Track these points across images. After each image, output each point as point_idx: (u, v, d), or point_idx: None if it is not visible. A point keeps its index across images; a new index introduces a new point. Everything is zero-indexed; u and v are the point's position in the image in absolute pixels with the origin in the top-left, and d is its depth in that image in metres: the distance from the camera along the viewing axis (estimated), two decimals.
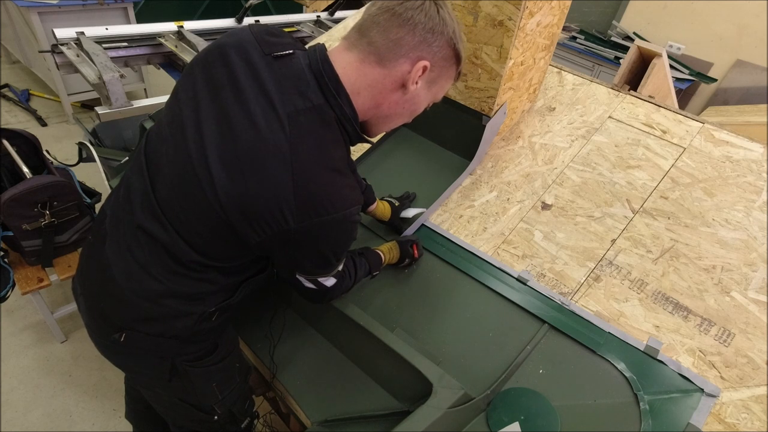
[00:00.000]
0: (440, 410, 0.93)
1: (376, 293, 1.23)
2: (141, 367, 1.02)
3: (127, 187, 0.90)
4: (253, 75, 0.76)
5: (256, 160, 0.73)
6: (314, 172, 0.74)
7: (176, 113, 0.82)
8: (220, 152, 0.75)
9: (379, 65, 0.80)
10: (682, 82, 3.54)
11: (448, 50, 0.83)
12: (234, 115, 0.75)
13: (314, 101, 0.76)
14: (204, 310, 0.91)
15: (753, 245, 1.15)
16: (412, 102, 0.86)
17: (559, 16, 1.34)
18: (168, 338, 0.93)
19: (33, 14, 2.95)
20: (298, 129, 0.74)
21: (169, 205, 0.82)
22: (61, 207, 1.74)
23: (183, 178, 0.79)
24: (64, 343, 2.10)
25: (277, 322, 1.28)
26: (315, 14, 2.91)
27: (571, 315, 1.10)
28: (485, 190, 1.39)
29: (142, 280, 0.86)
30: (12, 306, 2.21)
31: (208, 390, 1.05)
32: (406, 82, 0.81)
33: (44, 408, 1.86)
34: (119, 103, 1.90)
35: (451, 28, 0.82)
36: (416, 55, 0.80)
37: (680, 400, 0.96)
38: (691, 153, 1.33)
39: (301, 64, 0.78)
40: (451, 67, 0.87)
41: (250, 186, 0.73)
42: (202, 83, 0.80)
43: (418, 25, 0.78)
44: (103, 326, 0.95)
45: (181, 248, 0.83)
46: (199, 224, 0.80)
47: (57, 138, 3.36)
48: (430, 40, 0.80)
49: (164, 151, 0.83)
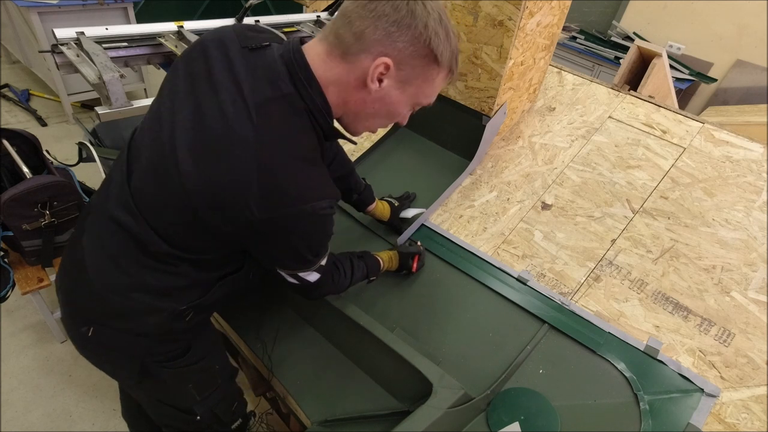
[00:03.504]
0: (440, 410, 0.92)
1: (377, 293, 1.23)
2: (111, 365, 1.01)
3: (109, 180, 0.90)
4: (228, 67, 0.77)
5: (222, 148, 0.72)
6: (280, 162, 0.73)
7: (156, 107, 0.83)
8: (189, 141, 0.75)
9: (343, 60, 0.75)
10: (682, 82, 3.53)
11: (419, 48, 0.74)
12: (206, 105, 0.75)
13: (284, 90, 0.75)
14: (174, 308, 0.90)
15: (753, 245, 1.15)
16: (383, 102, 0.80)
17: (559, 16, 1.34)
18: (137, 335, 0.92)
19: (33, 14, 2.94)
20: (265, 118, 0.73)
21: (141, 194, 0.82)
22: (61, 207, 1.74)
23: (155, 167, 0.79)
24: (64, 343, 2.10)
25: (271, 321, 1.28)
26: (315, 14, 2.91)
27: (571, 315, 1.10)
28: (485, 190, 1.39)
29: (110, 272, 0.86)
30: (12, 306, 2.21)
31: (184, 391, 1.03)
32: (367, 79, 0.76)
33: (44, 408, 1.86)
34: (119, 103, 1.90)
35: (421, 21, 0.73)
36: (377, 51, 0.73)
37: (680, 400, 0.96)
38: (691, 153, 1.33)
39: (275, 55, 0.77)
40: (428, 67, 0.78)
41: (216, 175, 0.72)
42: (182, 77, 0.81)
43: (381, 18, 0.71)
44: (76, 319, 0.94)
45: (151, 239, 0.82)
46: (170, 214, 0.80)
47: (57, 138, 3.36)
48: (394, 36, 0.72)
49: (143, 143, 0.84)
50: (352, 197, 1.24)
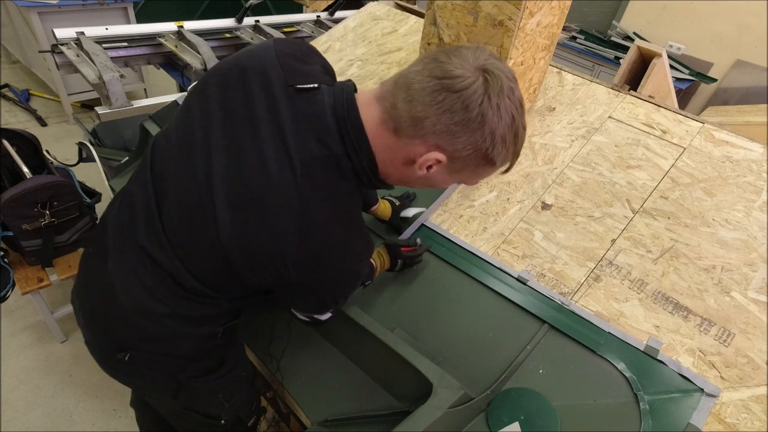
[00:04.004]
0: (440, 410, 0.92)
1: (377, 293, 1.23)
2: (146, 383, 1.00)
3: (131, 200, 0.84)
4: (271, 108, 0.70)
5: (263, 207, 0.69)
6: (322, 228, 0.71)
7: (186, 132, 0.77)
8: (227, 190, 0.70)
9: (395, 134, 0.69)
10: (682, 82, 3.53)
11: (478, 153, 0.68)
12: (246, 151, 0.70)
13: (333, 150, 0.70)
14: (210, 331, 0.91)
15: (753, 245, 1.15)
16: (427, 181, 0.76)
17: (559, 16, 1.34)
18: (173, 357, 0.92)
19: (33, 14, 2.95)
20: (310, 179, 0.69)
21: (174, 233, 0.78)
22: (61, 207, 1.74)
23: (189, 209, 0.75)
24: (64, 343, 2.10)
25: (281, 329, 1.28)
26: (315, 14, 2.91)
27: (571, 315, 1.10)
28: (485, 190, 1.39)
29: (146, 302, 0.82)
30: (12, 306, 2.21)
31: (214, 400, 1.05)
32: (415, 163, 0.71)
33: (44, 408, 1.86)
34: (119, 103, 1.90)
35: (489, 128, 0.65)
36: (433, 142, 0.67)
37: (680, 400, 0.96)
38: (691, 153, 1.33)
39: (325, 104, 0.70)
40: (483, 167, 0.72)
41: (255, 233, 0.70)
42: (216, 105, 0.74)
43: (447, 113, 0.64)
44: (107, 345, 0.92)
45: (185, 277, 0.80)
46: (202, 258, 0.77)
47: (57, 138, 3.36)
48: (456, 135, 0.66)
49: (172, 170, 0.79)
50: None
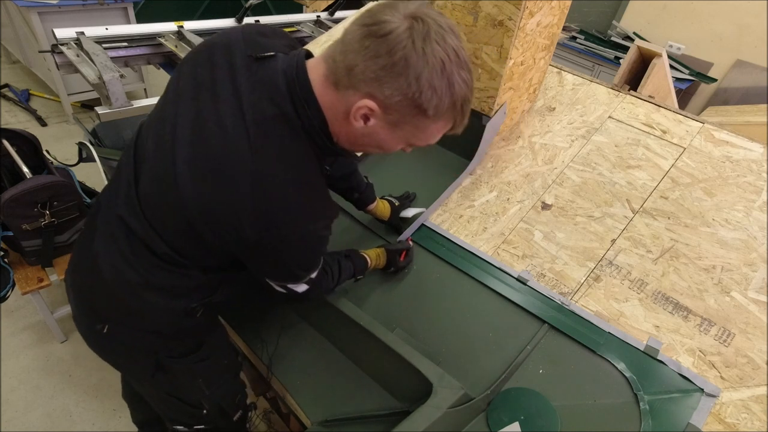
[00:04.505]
0: (440, 410, 0.92)
1: (376, 293, 1.23)
2: (125, 360, 1.03)
3: (118, 177, 0.90)
4: (231, 77, 0.75)
5: (219, 165, 0.72)
6: (275, 184, 0.72)
7: (161, 107, 0.83)
8: (188, 154, 0.75)
9: (335, 88, 0.71)
10: (682, 82, 3.53)
11: (406, 99, 0.68)
12: (207, 117, 0.74)
13: (283, 108, 0.73)
14: (186, 306, 0.92)
15: (753, 245, 1.15)
16: (372, 138, 0.76)
17: (559, 16, 1.34)
18: (150, 333, 0.94)
19: (33, 14, 2.95)
20: (263, 138, 0.72)
21: (147, 199, 0.83)
22: (61, 207, 1.74)
23: (158, 175, 0.80)
24: (64, 343, 2.10)
25: (273, 322, 1.28)
26: (315, 14, 2.91)
27: (571, 315, 1.10)
28: (485, 190, 1.39)
29: (123, 271, 0.86)
30: (12, 306, 2.21)
31: (194, 386, 1.05)
32: (349, 115, 0.72)
33: (44, 408, 1.86)
34: (119, 103, 1.90)
35: (414, 72, 0.65)
36: (365, 91, 0.68)
37: (680, 400, 0.96)
38: (691, 153, 1.33)
39: (278, 69, 0.74)
40: (417, 118, 0.71)
41: (211, 192, 0.73)
42: (186, 81, 0.80)
43: (374, 58, 0.65)
44: (89, 317, 0.96)
45: (157, 243, 0.83)
46: (170, 221, 0.81)
47: (57, 138, 3.36)
48: (383, 80, 0.66)
49: (149, 145, 0.84)
50: (353, 195, 1.24)
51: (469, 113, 0.74)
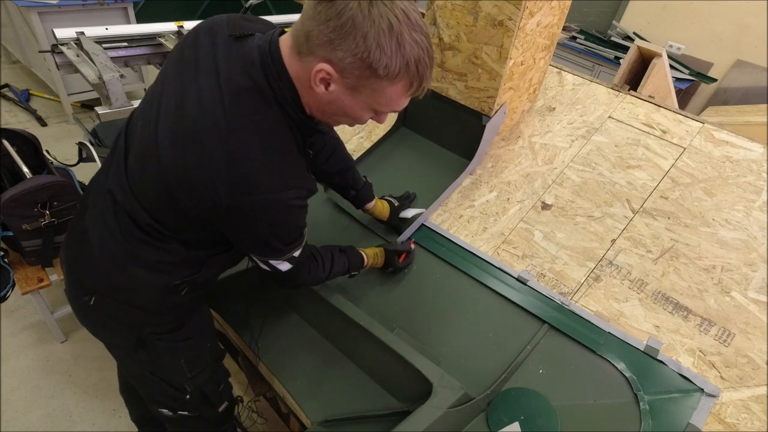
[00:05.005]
0: (440, 410, 0.93)
1: (377, 293, 1.23)
2: (109, 334, 1.06)
3: (110, 158, 0.94)
4: (212, 54, 0.79)
5: (196, 134, 0.76)
6: (248, 151, 0.75)
7: (151, 90, 0.88)
8: (169, 124, 0.79)
9: (299, 57, 0.74)
10: (682, 82, 3.53)
11: (357, 60, 0.69)
12: (188, 91, 0.79)
13: (257, 80, 0.76)
14: (168, 282, 0.94)
15: (753, 245, 1.15)
16: (336, 105, 0.78)
17: (559, 16, 1.34)
18: (134, 307, 0.96)
19: (33, 14, 2.94)
20: (237, 107, 0.75)
21: (133, 173, 0.86)
22: (61, 207, 1.74)
23: (143, 149, 0.84)
24: (64, 343, 2.10)
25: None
26: None
27: (571, 315, 1.10)
28: (485, 190, 1.39)
29: (109, 244, 0.90)
30: (12, 306, 2.21)
31: (176, 366, 1.07)
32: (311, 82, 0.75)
33: (44, 408, 1.86)
34: (119, 103, 1.90)
35: (360, 32, 0.67)
36: (321, 55, 0.71)
37: (680, 400, 0.96)
38: (691, 153, 1.33)
39: (254, 45, 0.78)
40: (372, 80, 0.72)
41: (188, 158, 0.76)
42: (173, 63, 0.84)
43: (325, 22, 0.68)
44: (77, 289, 0.99)
45: (141, 215, 0.86)
46: (151, 191, 0.84)
47: (57, 138, 3.36)
48: (335, 43, 0.69)
49: (138, 125, 0.88)
50: (350, 193, 1.24)
51: (429, 76, 0.75)
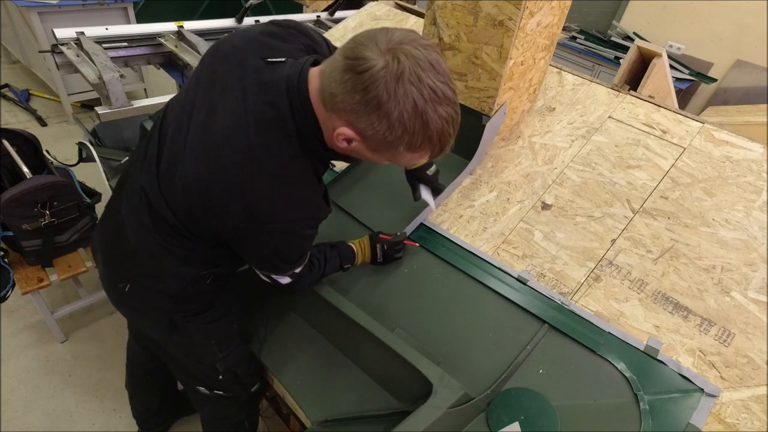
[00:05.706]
0: (440, 410, 0.92)
1: (377, 294, 1.23)
2: (144, 318, 1.14)
3: (145, 151, 0.96)
4: (242, 77, 0.81)
5: (218, 153, 0.79)
6: (265, 181, 0.79)
7: (185, 92, 0.91)
8: (196, 140, 0.82)
9: (323, 106, 0.76)
10: (682, 82, 3.53)
11: (378, 136, 0.71)
12: (216, 110, 0.82)
13: (282, 112, 0.78)
14: (196, 273, 0.99)
15: (753, 245, 1.15)
16: (358, 154, 0.81)
17: (559, 16, 1.34)
18: (163, 294, 1.02)
19: (33, 14, 2.95)
20: (260, 136, 0.78)
21: (162, 174, 0.90)
22: (61, 207, 1.74)
23: (173, 154, 0.88)
24: (64, 343, 2.10)
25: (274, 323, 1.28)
26: (315, 14, 2.91)
27: (571, 315, 1.10)
28: (485, 190, 1.39)
29: (145, 238, 0.95)
30: (12, 306, 2.21)
31: (207, 346, 1.13)
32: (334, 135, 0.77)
33: (44, 408, 1.86)
34: (119, 103, 1.90)
35: (384, 112, 0.68)
36: (345, 119, 0.73)
37: (680, 400, 0.96)
38: (691, 153, 1.33)
39: (283, 74, 0.79)
40: (394, 150, 0.75)
41: (208, 174, 0.80)
42: (205, 75, 0.87)
43: (350, 92, 0.69)
44: (114, 276, 1.06)
45: (169, 215, 0.90)
46: (178, 198, 0.87)
47: (57, 138, 3.36)
48: (359, 114, 0.70)
49: (172, 128, 0.91)
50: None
51: (451, 141, 0.76)
